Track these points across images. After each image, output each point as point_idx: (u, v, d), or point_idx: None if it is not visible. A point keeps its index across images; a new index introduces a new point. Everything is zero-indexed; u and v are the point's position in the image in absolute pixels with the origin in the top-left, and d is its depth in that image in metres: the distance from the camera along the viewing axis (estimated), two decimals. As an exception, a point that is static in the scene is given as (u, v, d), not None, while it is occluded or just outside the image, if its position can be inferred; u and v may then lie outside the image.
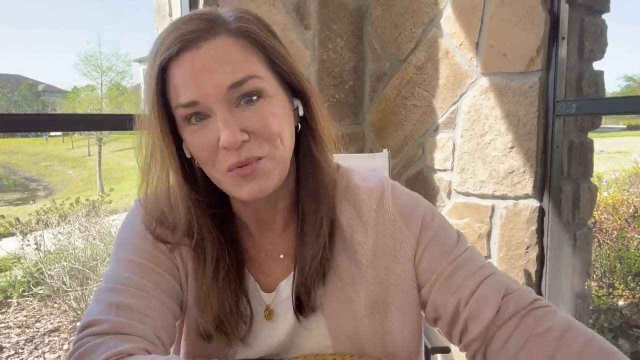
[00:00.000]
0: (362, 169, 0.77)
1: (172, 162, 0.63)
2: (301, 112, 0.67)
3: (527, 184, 1.61)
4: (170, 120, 0.62)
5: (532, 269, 1.62)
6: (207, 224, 0.67)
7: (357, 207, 0.70)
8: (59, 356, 3.45)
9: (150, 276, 0.65)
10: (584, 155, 1.70)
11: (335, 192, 0.71)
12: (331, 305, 0.68)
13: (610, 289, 3.52)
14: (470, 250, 0.68)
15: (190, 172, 0.67)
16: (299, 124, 0.67)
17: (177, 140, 0.64)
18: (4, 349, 3.63)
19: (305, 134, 0.68)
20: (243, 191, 0.61)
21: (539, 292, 1.62)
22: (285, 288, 0.70)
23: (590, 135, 1.76)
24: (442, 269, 0.66)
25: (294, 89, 0.66)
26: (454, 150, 1.83)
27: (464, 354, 0.68)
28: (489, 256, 1.74)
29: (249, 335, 0.70)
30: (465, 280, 0.64)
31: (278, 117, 0.61)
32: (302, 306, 0.67)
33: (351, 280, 0.68)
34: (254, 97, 0.59)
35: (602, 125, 1.85)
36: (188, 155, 0.66)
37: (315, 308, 0.68)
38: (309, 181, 0.68)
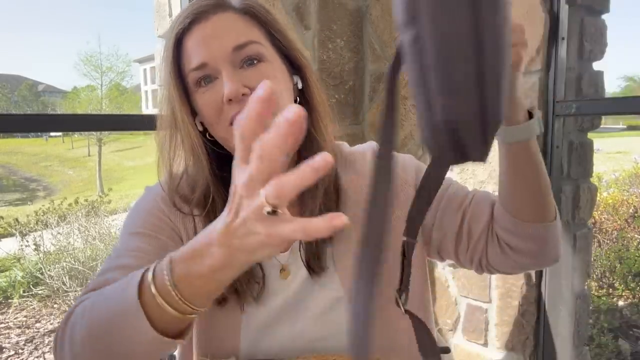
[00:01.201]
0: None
1: (188, 128, 0.68)
2: (300, 86, 0.73)
3: (527, 184, 1.61)
4: (186, 94, 0.69)
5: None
6: (219, 191, 0.71)
7: (355, 168, 0.78)
8: (59, 356, 3.45)
9: (152, 242, 0.68)
10: (583, 155, 1.70)
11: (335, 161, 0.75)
12: (342, 262, 0.72)
13: (610, 289, 3.53)
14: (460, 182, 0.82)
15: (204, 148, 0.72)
16: (298, 99, 0.73)
17: (192, 114, 0.70)
18: (4, 349, 3.63)
19: (305, 106, 0.71)
20: None
21: (539, 292, 1.62)
22: (298, 248, 0.74)
23: (590, 135, 1.76)
24: (442, 196, 0.76)
25: (293, 65, 0.73)
26: (453, 150, 1.83)
27: (463, 352, 0.68)
28: (488, 256, 1.74)
29: (262, 294, 0.72)
30: (464, 199, 0.76)
31: (278, 80, 0.68)
32: (313, 265, 0.72)
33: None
34: (255, 61, 0.67)
35: (602, 125, 1.85)
36: (200, 128, 0.71)
37: (326, 266, 0.72)
38: (309, 152, 0.71)
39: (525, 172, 0.66)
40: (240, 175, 0.40)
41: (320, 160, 0.36)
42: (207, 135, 0.72)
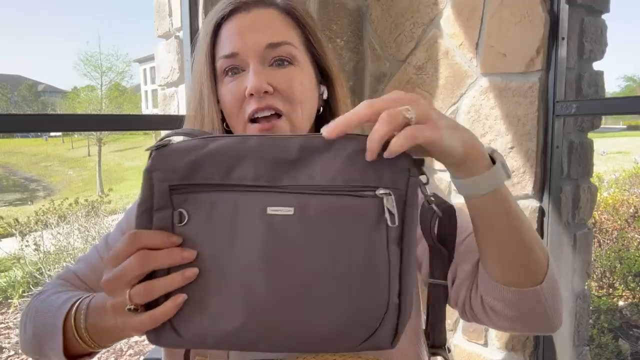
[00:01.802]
0: None
1: (213, 113, 0.69)
2: (325, 96, 0.72)
3: (527, 184, 1.61)
4: (214, 80, 0.69)
5: (532, 269, 1.62)
6: None
7: None
8: (59, 356, 3.45)
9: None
10: (583, 155, 1.70)
11: None
12: None
13: (610, 289, 3.53)
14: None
15: None
16: (322, 108, 0.72)
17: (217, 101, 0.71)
18: (4, 349, 3.63)
19: (328, 117, 0.72)
20: None
21: (539, 293, 1.63)
22: None
23: (590, 135, 1.76)
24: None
25: (323, 73, 0.72)
26: (453, 150, 1.83)
27: (463, 352, 0.68)
28: (489, 256, 1.74)
29: None
30: (461, 233, 0.67)
31: (304, 86, 0.67)
32: None
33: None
34: (286, 62, 0.66)
35: (602, 125, 1.85)
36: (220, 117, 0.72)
37: None
38: None
39: (497, 228, 0.55)
40: (106, 272, 0.49)
41: (189, 272, 0.47)
42: (224, 125, 0.72)
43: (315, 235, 0.47)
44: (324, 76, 0.72)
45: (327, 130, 0.47)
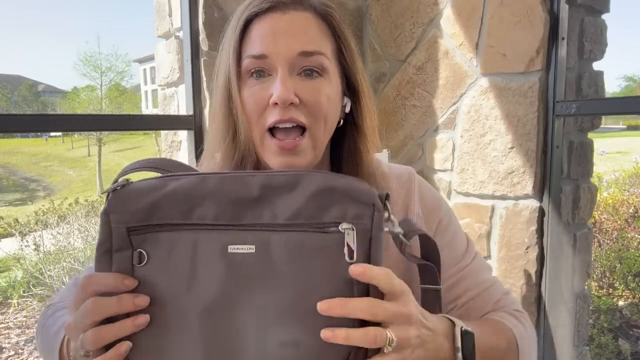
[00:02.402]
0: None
1: (242, 111, 0.65)
2: (347, 109, 0.69)
3: (527, 184, 1.61)
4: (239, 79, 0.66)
5: (532, 269, 1.62)
6: None
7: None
8: (59, 356, 3.45)
9: None
10: (583, 155, 1.70)
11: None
12: None
13: (610, 289, 3.53)
14: (475, 260, 0.73)
15: None
16: (342, 120, 0.69)
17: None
18: (4, 349, 3.63)
19: (352, 130, 0.69)
20: (276, 160, 0.62)
21: (539, 292, 1.63)
22: None
23: (590, 135, 1.76)
24: (448, 277, 0.70)
25: (350, 85, 0.69)
26: (453, 150, 1.83)
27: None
28: (488, 256, 1.74)
29: None
30: (465, 292, 0.70)
31: (330, 100, 0.64)
32: None
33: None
34: (315, 74, 0.63)
35: (602, 125, 1.85)
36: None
37: None
38: (346, 173, 0.68)
39: None
40: (69, 317, 0.50)
41: (140, 319, 0.47)
42: None
43: (277, 273, 0.47)
44: (349, 88, 0.69)
45: (322, 307, 0.46)
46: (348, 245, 0.47)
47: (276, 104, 0.60)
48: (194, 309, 0.47)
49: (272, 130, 0.62)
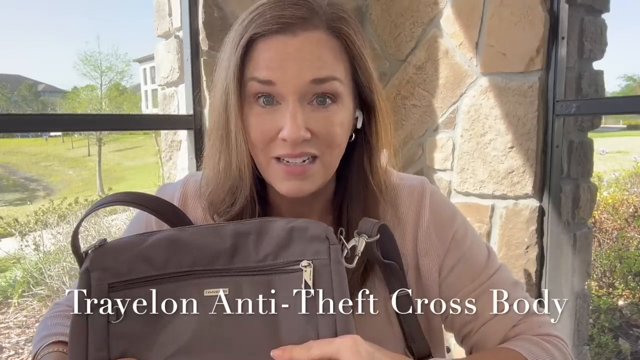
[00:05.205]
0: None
1: (241, 145, 0.60)
2: (359, 125, 0.65)
3: (527, 184, 1.61)
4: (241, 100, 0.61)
5: (532, 269, 1.62)
6: (254, 212, 0.65)
7: (395, 207, 0.69)
8: (59, 356, 3.45)
9: None
10: (583, 155, 1.70)
11: (377, 202, 0.68)
12: (366, 307, 0.66)
13: (610, 289, 3.52)
14: (497, 274, 0.69)
15: None
16: (353, 134, 0.65)
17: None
18: (4, 349, 3.63)
19: (362, 146, 0.66)
20: (283, 185, 0.60)
21: (539, 292, 1.63)
22: None
23: (590, 134, 1.76)
24: (465, 293, 0.67)
25: (364, 100, 0.65)
26: (453, 150, 1.83)
27: (463, 352, 0.68)
28: (488, 256, 1.74)
29: None
30: (482, 312, 0.67)
31: (344, 127, 0.61)
32: None
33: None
34: (328, 101, 0.59)
35: (602, 125, 1.85)
36: None
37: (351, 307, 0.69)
38: (359, 196, 0.66)
39: None
40: None
41: None
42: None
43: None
44: (363, 102, 0.65)
45: (276, 354, 0.49)
46: (305, 281, 0.51)
47: (285, 140, 0.57)
48: (169, 351, 0.51)
49: (279, 158, 0.60)
